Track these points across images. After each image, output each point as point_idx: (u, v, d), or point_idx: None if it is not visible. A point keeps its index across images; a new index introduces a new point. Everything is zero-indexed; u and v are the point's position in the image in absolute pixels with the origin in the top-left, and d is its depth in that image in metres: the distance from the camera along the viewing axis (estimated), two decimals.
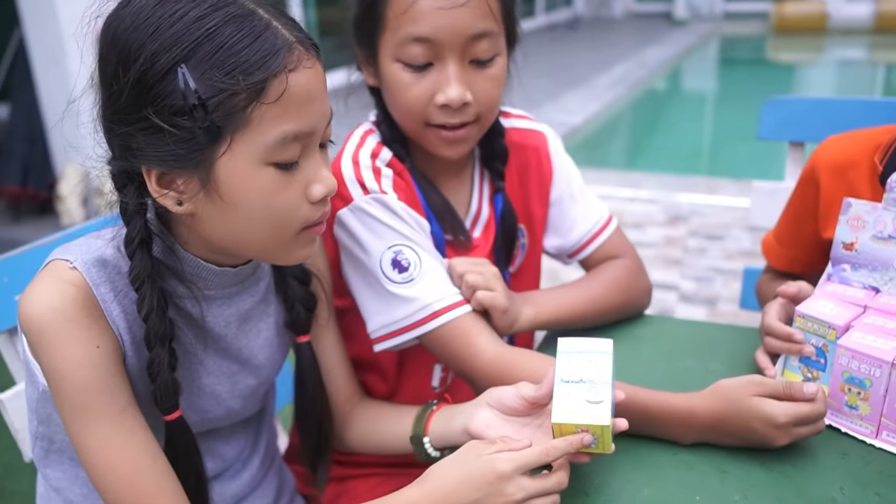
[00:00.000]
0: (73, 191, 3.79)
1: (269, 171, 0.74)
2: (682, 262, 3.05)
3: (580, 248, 1.18)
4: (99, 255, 0.79)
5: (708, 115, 6.84)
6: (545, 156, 1.17)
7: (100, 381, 0.77)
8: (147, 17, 0.71)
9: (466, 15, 0.94)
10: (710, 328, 1.17)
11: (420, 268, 0.99)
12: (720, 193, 3.70)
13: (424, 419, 0.94)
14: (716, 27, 10.45)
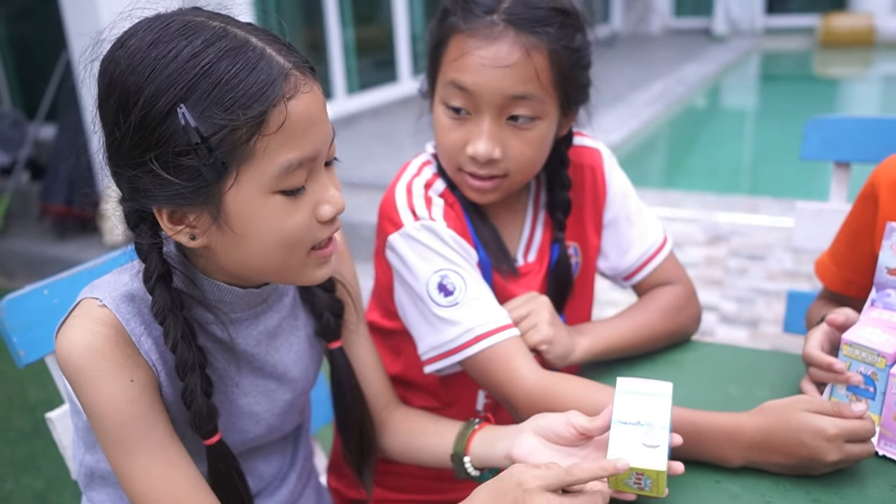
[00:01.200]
0: (115, 210, 3.87)
1: (276, 199, 0.75)
2: (722, 283, 3.01)
3: (635, 272, 1.18)
4: (126, 290, 0.80)
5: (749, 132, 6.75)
6: (600, 175, 1.17)
7: (138, 415, 0.78)
8: (142, 59, 0.71)
9: (508, 76, 0.97)
10: (753, 354, 1.14)
11: (465, 292, 1.00)
12: (762, 213, 3.64)
13: (466, 438, 0.94)
14: (756, 43, 10.33)
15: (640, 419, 0.78)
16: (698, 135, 6.51)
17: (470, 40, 0.98)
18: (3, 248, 4.14)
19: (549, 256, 1.14)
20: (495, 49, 0.97)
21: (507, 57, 0.97)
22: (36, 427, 2.66)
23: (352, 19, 5.97)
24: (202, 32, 0.72)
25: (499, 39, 0.97)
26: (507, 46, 0.97)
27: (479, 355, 0.99)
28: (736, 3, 11.01)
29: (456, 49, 1.00)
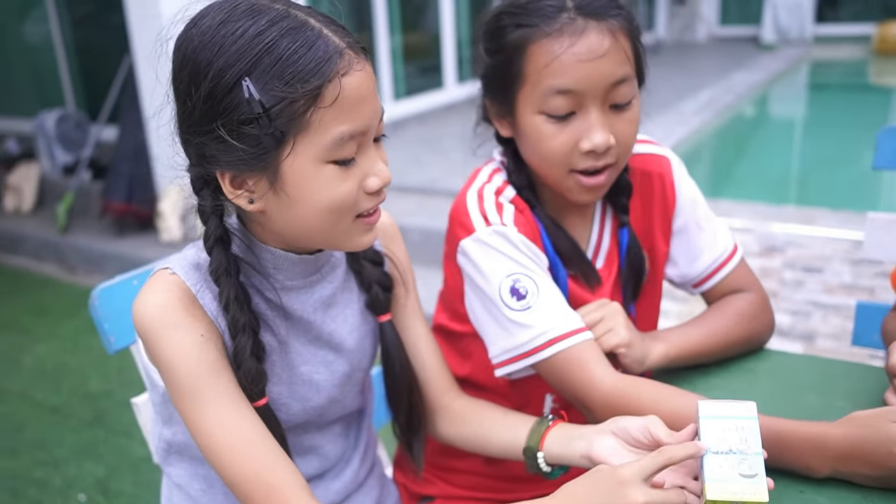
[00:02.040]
0: (173, 208, 3.98)
1: (328, 168, 0.81)
2: (777, 295, 2.98)
3: (706, 279, 1.18)
4: (193, 260, 0.88)
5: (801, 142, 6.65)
6: (669, 183, 1.17)
7: (207, 368, 0.84)
8: (212, 36, 0.78)
9: (606, 64, 0.98)
10: (831, 364, 1.13)
11: (537, 296, 1.01)
12: (818, 224, 3.58)
13: (540, 434, 0.95)
14: (807, 51, 10.17)
15: (731, 447, 0.76)
16: (747, 144, 6.43)
17: (556, 42, 0.98)
18: (66, 244, 4.28)
19: (619, 249, 1.15)
20: (586, 42, 0.97)
21: (599, 46, 0.97)
22: (97, 416, 2.76)
23: (399, 25, 6.03)
24: (266, 13, 0.79)
25: (585, 32, 0.98)
26: (595, 36, 0.98)
27: (552, 358, 1.00)
28: (785, 11, 10.84)
29: (543, 55, 0.99)
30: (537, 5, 1.00)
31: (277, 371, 0.92)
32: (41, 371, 3.11)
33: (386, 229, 1.06)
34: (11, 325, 3.58)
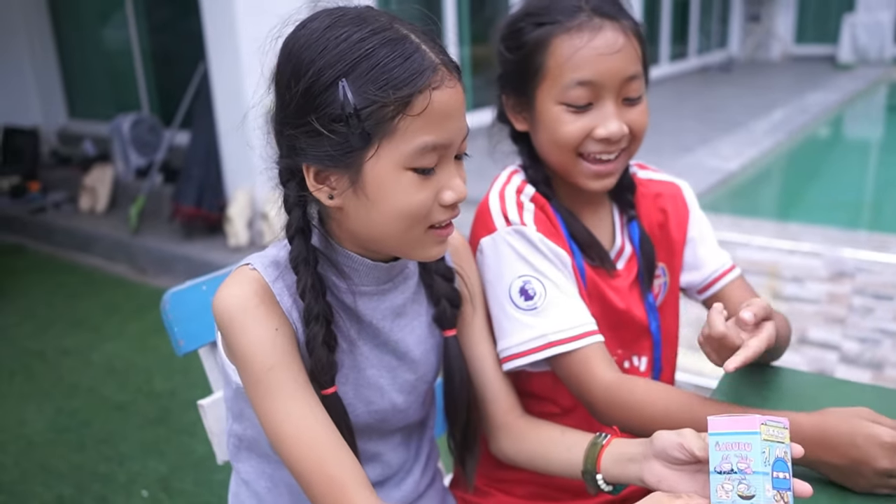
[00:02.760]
0: (240, 214, 4.08)
1: (408, 175, 0.84)
2: (845, 322, 2.89)
3: (709, 285, 1.26)
4: (273, 258, 0.92)
5: (876, 166, 6.44)
6: (682, 201, 1.27)
7: (280, 360, 0.87)
8: (318, 38, 0.83)
9: (621, 60, 1.06)
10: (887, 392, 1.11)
11: (545, 299, 1.07)
12: (890, 251, 3.49)
13: (595, 455, 0.95)
14: (886, 72, 9.89)
15: (733, 466, 0.75)
16: (820, 166, 6.26)
17: (576, 38, 1.05)
18: (137, 245, 4.43)
19: (633, 243, 1.21)
20: (604, 38, 1.05)
21: (615, 42, 1.06)
22: (160, 415, 2.83)
23: (469, 38, 6.08)
24: (371, 23, 0.84)
25: (602, 29, 1.06)
26: (611, 34, 1.06)
27: (557, 358, 1.06)
28: (864, 31, 10.58)
29: (564, 50, 1.06)
30: (557, 6, 1.08)
31: (345, 371, 0.95)
32: (110, 368, 3.22)
33: (458, 247, 1.09)
34: (83, 323, 3.72)
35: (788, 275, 3.32)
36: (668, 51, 10.00)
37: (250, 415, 0.97)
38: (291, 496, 1.02)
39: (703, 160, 4.93)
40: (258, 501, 1.03)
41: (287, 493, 1.02)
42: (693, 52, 10.91)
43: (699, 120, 6.59)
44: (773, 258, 3.46)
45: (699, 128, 6.21)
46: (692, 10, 10.72)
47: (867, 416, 0.87)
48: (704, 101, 7.75)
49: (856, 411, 0.88)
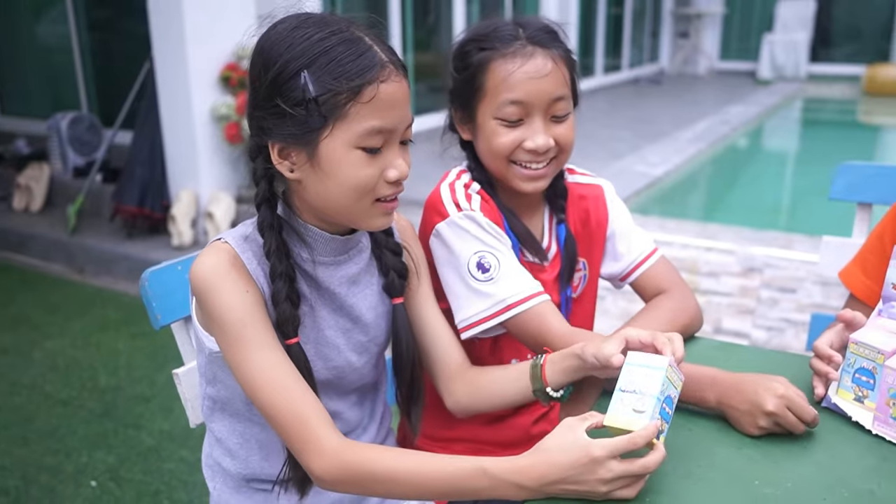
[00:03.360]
0: (185, 213, 4.13)
1: (357, 153, 0.99)
2: (754, 312, 3.14)
3: (629, 273, 1.41)
4: (242, 233, 1.06)
5: (788, 174, 6.86)
6: (602, 203, 1.42)
7: (252, 319, 1.00)
8: (286, 36, 0.98)
9: (549, 83, 1.22)
10: (779, 355, 1.30)
11: (499, 269, 1.22)
12: (794, 249, 3.78)
13: (539, 374, 1.12)
14: (801, 88, 10.42)
15: (636, 388, 0.94)
16: (739, 173, 6.64)
17: (510, 63, 1.21)
18: (75, 245, 4.41)
19: (559, 242, 1.36)
20: (534, 64, 1.21)
21: (543, 68, 1.21)
22: (106, 410, 2.87)
23: (412, 45, 6.23)
24: (331, 25, 0.98)
25: (533, 56, 1.21)
26: (541, 60, 1.21)
27: (515, 318, 1.22)
28: (781, 49, 11.13)
29: (500, 72, 1.21)
30: (498, 34, 1.24)
31: (307, 331, 1.07)
32: (51, 366, 3.22)
33: (405, 227, 1.23)
34: (22, 321, 3.70)
35: (706, 270, 3.57)
36: (603, 63, 10.32)
37: (223, 377, 1.09)
38: (260, 449, 1.14)
39: (632, 166, 5.18)
40: (231, 456, 1.15)
41: (257, 447, 1.14)
42: (626, 65, 11.28)
43: (630, 129, 6.88)
44: (693, 255, 3.71)
45: (630, 136, 6.49)
46: (625, 25, 11.09)
47: (779, 379, 1.04)
48: (635, 112, 8.05)
49: (773, 376, 1.05)
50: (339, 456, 0.96)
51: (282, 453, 1.10)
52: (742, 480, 0.96)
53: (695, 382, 1.08)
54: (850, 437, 1.05)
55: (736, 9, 12.21)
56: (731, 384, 1.07)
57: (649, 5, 11.85)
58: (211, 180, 4.25)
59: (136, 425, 2.77)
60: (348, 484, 0.98)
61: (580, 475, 0.89)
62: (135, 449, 2.62)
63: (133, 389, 3.03)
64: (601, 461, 0.89)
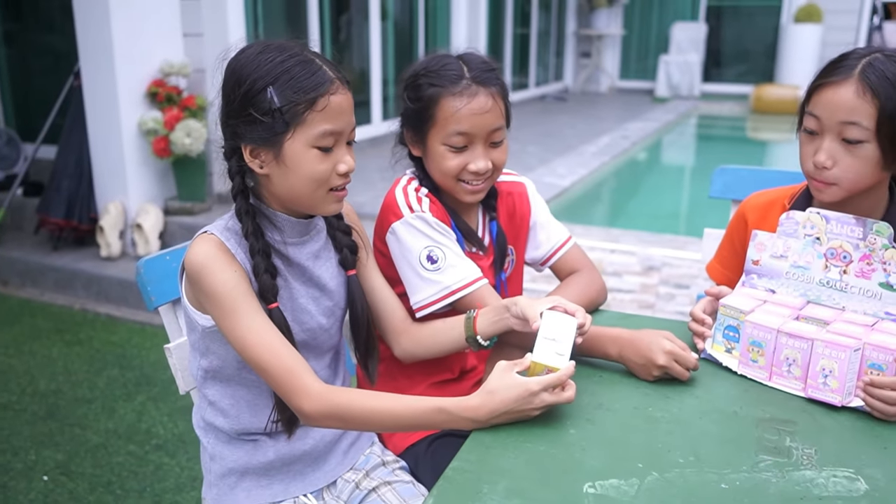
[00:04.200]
0: (113, 225, 4.20)
1: (313, 152, 1.22)
2: (654, 306, 3.50)
3: (549, 258, 1.70)
4: (223, 225, 1.28)
5: (683, 183, 7.43)
6: (525, 198, 1.69)
7: (242, 292, 1.23)
8: (253, 59, 1.21)
9: (490, 117, 1.47)
10: (666, 322, 1.61)
11: (445, 261, 1.47)
12: (687, 249, 4.18)
13: (471, 325, 1.38)
14: (695, 106, 11.11)
15: (555, 336, 1.21)
16: (639, 183, 7.15)
17: (458, 100, 1.44)
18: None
19: (491, 237, 1.63)
20: (477, 102, 1.45)
21: (485, 105, 1.45)
22: (49, 411, 2.95)
23: None
24: (289, 50, 1.22)
25: (477, 95, 1.45)
26: (483, 98, 1.45)
27: (460, 300, 1.46)
28: (677, 69, 11.81)
29: (448, 108, 1.44)
30: (446, 72, 1.46)
31: (283, 301, 1.29)
32: None
33: (349, 213, 1.47)
34: None
35: (610, 270, 3.91)
36: (511, 81, 10.74)
37: (215, 349, 1.31)
38: (249, 408, 1.35)
39: (542, 177, 5.54)
40: (223, 415, 1.36)
41: (246, 406, 1.35)
42: (533, 83, 11.73)
43: (539, 143, 7.25)
44: (599, 257, 4.06)
45: (539, 150, 6.86)
46: (532, 45, 11.54)
47: (666, 335, 1.32)
48: (543, 127, 8.44)
49: (661, 332, 1.34)
50: (324, 397, 1.20)
51: (266, 408, 1.32)
52: (640, 409, 1.25)
53: (600, 340, 1.37)
54: (722, 378, 1.36)
55: (634, 31, 12.90)
56: (629, 341, 1.35)
57: (553, 26, 12.39)
58: (139, 193, 4.34)
59: (80, 425, 2.86)
60: (332, 419, 1.21)
61: (520, 406, 1.15)
62: (83, 446, 2.72)
63: (74, 392, 3.12)
64: (537, 394, 1.15)
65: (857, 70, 1.30)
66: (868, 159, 1.33)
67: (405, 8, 7.78)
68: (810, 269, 1.40)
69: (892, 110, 1.27)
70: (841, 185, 1.36)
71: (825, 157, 1.35)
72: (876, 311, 1.34)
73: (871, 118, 1.29)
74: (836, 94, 1.32)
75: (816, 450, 1.12)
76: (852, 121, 1.30)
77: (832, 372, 1.24)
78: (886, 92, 1.27)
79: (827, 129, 1.34)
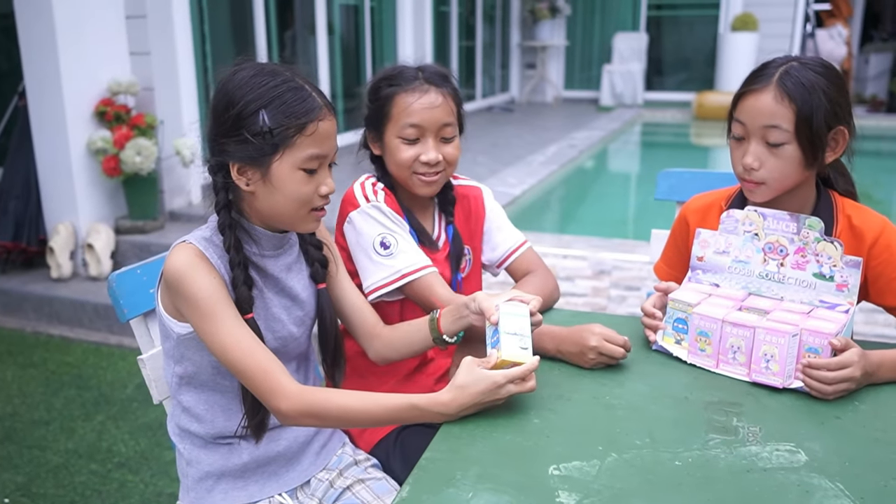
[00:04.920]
0: (63, 246, 4.16)
1: (299, 174, 1.27)
2: (606, 309, 3.61)
3: (504, 260, 1.79)
4: (202, 235, 1.32)
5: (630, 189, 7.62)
6: (481, 202, 1.80)
7: (221, 298, 1.27)
8: (246, 82, 1.26)
9: (439, 112, 1.58)
10: (616, 318, 1.70)
11: (397, 247, 1.57)
12: (636, 252, 4.31)
13: (435, 326, 1.43)
14: (639, 114, 11.38)
15: (516, 331, 1.28)
16: (587, 190, 7.32)
17: (410, 96, 1.56)
18: None
19: (448, 238, 1.72)
20: (428, 97, 1.56)
21: (435, 101, 1.57)
22: (6, 434, 2.91)
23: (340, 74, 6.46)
24: (281, 75, 1.27)
25: (428, 92, 1.56)
26: (434, 95, 1.57)
27: (408, 285, 1.55)
28: (620, 78, 12.09)
29: (402, 103, 1.56)
30: (402, 74, 1.58)
31: (258, 310, 1.34)
32: None
33: (321, 229, 1.52)
34: None
35: (563, 275, 4.01)
36: None
37: (190, 355, 1.34)
38: (223, 412, 1.39)
39: (493, 187, 5.60)
40: (198, 421, 1.39)
41: (220, 411, 1.39)
42: (479, 94, 11.89)
43: (488, 154, 7.36)
44: (551, 262, 4.16)
45: (488, 160, 6.97)
46: (477, 57, 11.71)
47: (597, 325, 1.43)
48: (492, 138, 8.56)
49: (592, 325, 1.44)
50: (301, 397, 1.25)
51: (240, 413, 1.37)
52: (598, 398, 1.32)
53: (539, 337, 1.45)
54: (673, 367, 1.45)
55: (577, 42, 13.17)
56: (565, 335, 1.45)
57: (498, 38, 12.58)
58: (89, 212, 4.30)
59: (39, 446, 2.83)
60: (309, 418, 1.26)
61: (488, 398, 1.22)
62: (43, 467, 2.70)
63: (31, 415, 3.08)
64: (503, 385, 1.22)
65: (776, 78, 1.40)
66: (791, 159, 1.42)
67: (351, 23, 7.83)
68: (750, 263, 1.50)
69: (808, 113, 1.38)
70: (769, 184, 1.46)
71: (752, 160, 1.44)
72: (811, 300, 1.44)
73: (790, 121, 1.39)
74: (757, 101, 1.42)
75: (761, 427, 1.21)
76: (773, 124, 1.40)
77: (773, 357, 1.34)
78: (802, 97, 1.38)
79: (752, 133, 1.44)
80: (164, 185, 4.61)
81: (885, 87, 11.49)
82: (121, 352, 3.69)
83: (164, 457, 2.74)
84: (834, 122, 1.40)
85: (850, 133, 1.44)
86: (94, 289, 4.06)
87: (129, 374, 3.42)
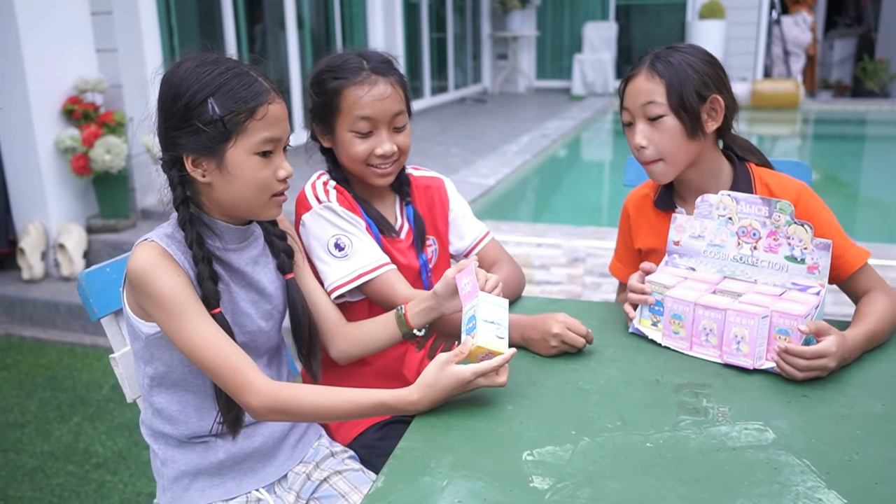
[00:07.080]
0: (34, 247, 4.10)
1: (255, 158, 1.27)
2: (580, 296, 3.64)
3: (471, 249, 1.79)
4: (164, 231, 1.32)
5: (602, 177, 7.67)
6: (444, 192, 1.80)
7: (187, 295, 1.26)
8: (191, 72, 1.25)
9: (390, 102, 1.56)
10: (588, 304, 1.72)
11: (352, 248, 1.57)
12: (609, 239, 4.31)
13: (403, 320, 1.44)
14: (610, 102, 11.43)
15: (494, 320, 1.29)
16: (561, 179, 7.36)
17: (360, 89, 1.53)
18: None
19: (409, 220, 1.71)
20: (378, 89, 1.54)
21: (385, 92, 1.55)
22: None
23: None
24: (225, 63, 1.27)
25: (377, 83, 1.54)
26: (383, 86, 1.55)
27: (367, 284, 1.55)
28: (590, 68, 12.15)
29: (352, 96, 1.53)
30: (347, 66, 1.55)
31: (225, 304, 1.33)
32: None
33: (283, 219, 1.52)
34: None
35: (538, 263, 4.04)
36: (430, 85, 10.86)
37: (159, 355, 1.34)
38: (196, 412, 1.38)
39: (467, 178, 5.65)
40: (171, 423, 1.39)
41: (193, 410, 1.38)
42: (452, 86, 11.87)
43: (461, 145, 7.37)
44: (526, 251, 4.19)
45: (461, 151, 6.98)
46: (449, 49, 11.68)
47: (561, 315, 1.45)
48: (465, 129, 8.57)
49: (557, 314, 1.45)
50: (271, 392, 1.25)
51: (213, 411, 1.36)
52: (570, 383, 1.34)
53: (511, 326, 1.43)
54: (644, 351, 1.47)
55: (547, 32, 13.20)
56: (528, 323, 1.47)
57: (469, 29, 12.57)
58: (59, 212, 4.25)
59: (15, 450, 2.81)
60: (279, 414, 1.27)
61: (456, 392, 1.24)
62: (19, 470, 2.68)
63: (5, 418, 3.05)
64: (471, 381, 1.23)
65: (647, 62, 1.54)
66: (672, 131, 1.52)
67: (321, 16, 7.79)
68: (725, 246, 1.53)
69: (677, 85, 1.50)
70: (666, 160, 1.55)
71: (640, 138, 1.54)
72: (784, 283, 1.47)
73: (662, 94, 1.51)
74: (634, 84, 1.55)
75: (730, 408, 1.24)
76: (649, 100, 1.52)
77: (744, 338, 1.36)
78: (669, 72, 1.51)
79: (636, 115, 1.55)
80: (136, 183, 4.56)
81: (849, 72, 11.67)
82: (95, 352, 3.66)
83: (143, 456, 2.73)
84: (706, 91, 1.51)
85: (728, 102, 1.54)
86: (67, 289, 4.02)
87: (105, 375, 3.39)
